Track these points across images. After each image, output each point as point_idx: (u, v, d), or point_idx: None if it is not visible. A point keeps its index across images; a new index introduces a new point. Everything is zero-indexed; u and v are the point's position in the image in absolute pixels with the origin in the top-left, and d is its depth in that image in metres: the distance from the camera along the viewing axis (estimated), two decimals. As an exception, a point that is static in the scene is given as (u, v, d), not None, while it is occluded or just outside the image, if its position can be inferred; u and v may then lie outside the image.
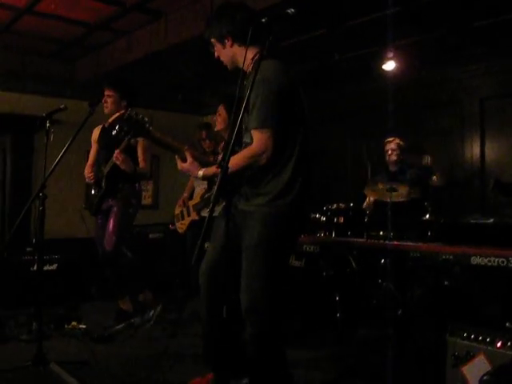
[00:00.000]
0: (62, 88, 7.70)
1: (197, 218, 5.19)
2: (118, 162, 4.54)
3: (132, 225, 5.05)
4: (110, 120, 4.89)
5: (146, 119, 2.86)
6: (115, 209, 4.81)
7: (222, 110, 4.79)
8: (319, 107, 7.52)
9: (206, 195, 5.12)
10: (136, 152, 4.85)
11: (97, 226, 5.01)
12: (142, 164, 4.85)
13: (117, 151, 4.50)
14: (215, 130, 4.92)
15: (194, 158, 2.91)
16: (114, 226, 4.73)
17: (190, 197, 5.46)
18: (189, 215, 5.27)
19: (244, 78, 2.85)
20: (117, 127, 2.90)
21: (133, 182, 4.89)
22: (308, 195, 2.86)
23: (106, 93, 4.89)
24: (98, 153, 5.12)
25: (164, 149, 3.04)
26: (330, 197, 6.51)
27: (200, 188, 5.24)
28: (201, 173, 2.86)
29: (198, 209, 5.19)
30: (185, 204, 5.37)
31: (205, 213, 5.12)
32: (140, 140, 4.75)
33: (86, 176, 4.99)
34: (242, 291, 2.78)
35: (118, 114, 4.75)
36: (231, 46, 2.94)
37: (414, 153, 6.13)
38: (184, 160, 2.91)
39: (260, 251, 2.75)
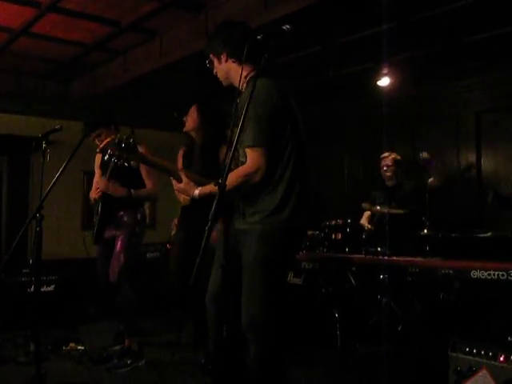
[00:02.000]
0: (58, 108, 7.70)
1: None
2: (107, 191, 4.40)
3: (135, 254, 4.80)
4: (102, 145, 4.66)
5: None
6: (119, 243, 4.60)
7: (193, 110, 4.62)
8: (315, 122, 7.55)
9: None
10: (139, 174, 4.66)
11: (98, 254, 4.79)
12: (148, 185, 4.66)
13: (101, 180, 4.34)
14: (184, 130, 4.77)
15: (189, 178, 2.91)
16: (118, 262, 4.53)
17: None
18: None
19: (238, 97, 2.86)
20: (108, 152, 2.89)
21: (133, 207, 4.68)
22: (304, 210, 2.85)
23: (95, 135, 4.65)
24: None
25: (158, 171, 3.04)
26: (327, 213, 6.52)
27: None
28: (197, 192, 2.85)
29: None
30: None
31: None
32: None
33: (95, 194, 4.67)
34: (242, 310, 2.77)
35: (108, 139, 4.53)
36: (226, 61, 2.97)
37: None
38: (179, 180, 2.91)
39: (257, 270, 2.74)
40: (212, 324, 3.02)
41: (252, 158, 2.71)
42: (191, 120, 4.59)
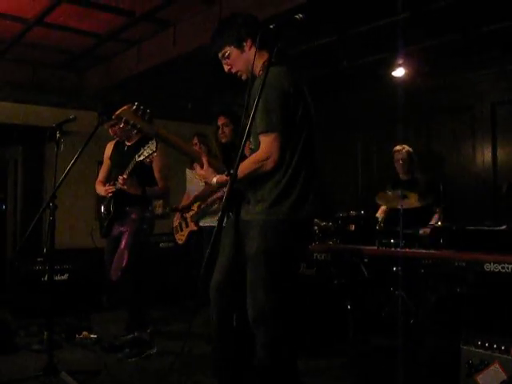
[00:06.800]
0: (73, 99, 7.72)
1: (195, 228, 5.20)
2: (123, 188, 4.36)
3: (142, 252, 4.71)
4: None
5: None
6: (124, 240, 4.58)
7: (228, 122, 4.89)
8: (329, 113, 7.51)
9: (203, 206, 5.15)
10: (151, 171, 4.64)
11: (106, 248, 4.81)
12: (160, 183, 4.66)
13: (121, 177, 4.30)
14: (223, 141, 4.92)
15: (211, 164, 2.88)
16: (121, 260, 4.51)
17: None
18: (187, 226, 5.30)
19: (252, 85, 2.84)
20: (124, 119, 2.91)
21: (141, 204, 4.64)
22: (309, 201, 2.79)
23: (110, 124, 4.58)
24: (110, 170, 4.91)
25: (178, 151, 3.00)
26: (340, 204, 6.50)
27: None
28: (214, 180, 2.81)
29: (196, 219, 5.22)
30: (182, 216, 5.39)
31: (203, 223, 5.17)
32: (155, 158, 4.58)
33: (105, 191, 4.66)
34: (248, 302, 2.75)
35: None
36: (250, 48, 2.88)
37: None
38: (201, 166, 2.88)
39: (261, 261, 2.71)
40: (214, 313, 3.00)
41: (265, 143, 2.68)
42: (228, 131, 4.88)
